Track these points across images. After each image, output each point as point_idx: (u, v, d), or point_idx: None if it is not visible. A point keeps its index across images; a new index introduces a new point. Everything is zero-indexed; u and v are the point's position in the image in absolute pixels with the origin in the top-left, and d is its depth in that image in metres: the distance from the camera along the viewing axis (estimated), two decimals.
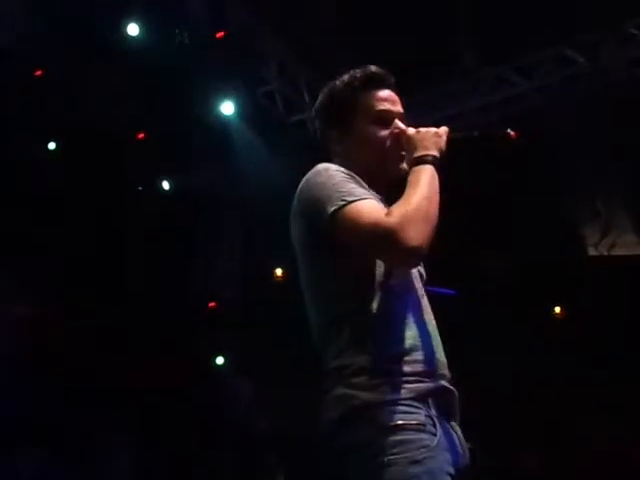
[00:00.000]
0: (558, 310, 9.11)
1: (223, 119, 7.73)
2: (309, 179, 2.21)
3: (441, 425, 2.06)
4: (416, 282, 2.26)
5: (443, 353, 2.20)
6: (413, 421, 2.01)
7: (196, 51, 7.11)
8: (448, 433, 2.09)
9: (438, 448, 2.01)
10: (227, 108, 7.66)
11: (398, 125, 2.33)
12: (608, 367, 7.98)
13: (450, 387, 2.16)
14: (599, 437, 8.03)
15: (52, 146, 7.36)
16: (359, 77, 2.38)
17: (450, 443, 2.08)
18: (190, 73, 7.23)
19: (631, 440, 7.82)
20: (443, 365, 2.18)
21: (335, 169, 2.20)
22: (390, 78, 2.41)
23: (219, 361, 8.43)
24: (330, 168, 2.21)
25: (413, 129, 2.30)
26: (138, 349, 7.36)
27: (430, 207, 2.08)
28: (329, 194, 2.11)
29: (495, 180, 7.44)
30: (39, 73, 6.88)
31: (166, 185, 8.25)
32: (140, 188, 8.25)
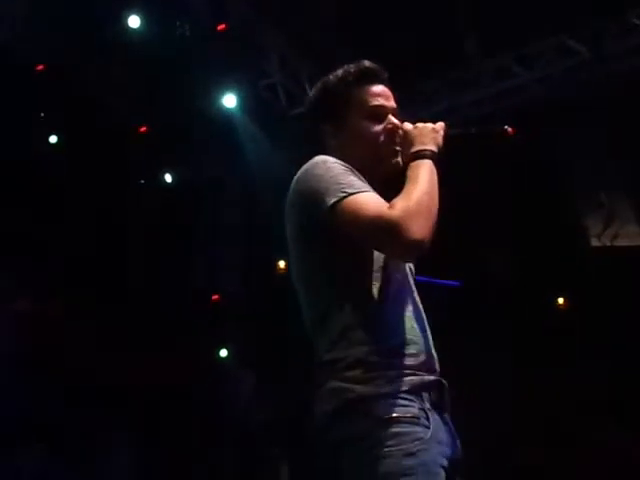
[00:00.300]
0: (561, 301, 9.12)
1: (225, 112, 7.72)
2: (307, 170, 2.20)
3: (434, 418, 2.06)
4: (409, 276, 2.26)
5: (433, 348, 2.20)
6: (408, 414, 2.01)
7: (197, 44, 7.10)
8: (441, 426, 2.09)
9: (432, 441, 2.01)
10: (229, 101, 7.64)
11: (392, 120, 2.33)
12: (611, 358, 7.98)
13: (442, 380, 2.17)
14: (600, 432, 8.03)
15: (54, 139, 7.36)
16: (353, 72, 2.36)
17: (443, 436, 2.08)
18: (191, 66, 7.22)
19: (632, 435, 7.81)
20: (435, 359, 2.19)
21: (333, 161, 2.19)
22: (383, 73, 2.39)
23: (223, 354, 8.43)
24: (328, 160, 2.20)
25: (410, 124, 2.29)
26: (139, 346, 7.35)
27: (431, 202, 2.09)
28: (327, 186, 2.11)
29: (496, 171, 7.42)
30: (40, 68, 6.87)
31: (168, 178, 8.24)
32: (142, 181, 8.26)
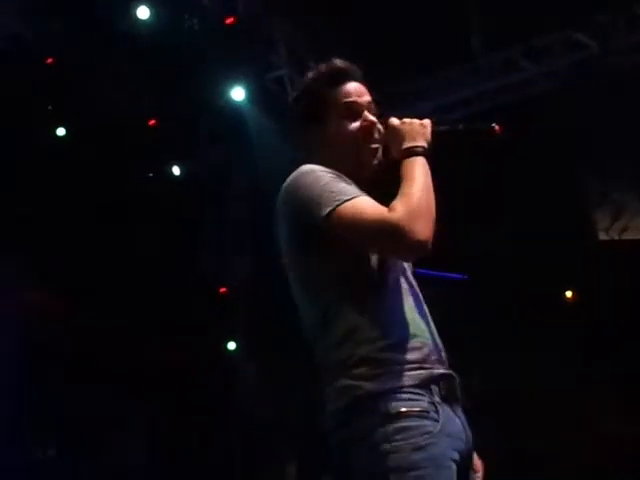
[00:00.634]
0: (569, 295, 9.12)
1: (233, 105, 7.71)
2: (296, 179, 2.17)
3: (444, 411, 2.06)
4: (407, 270, 2.27)
5: (439, 338, 2.21)
6: (416, 408, 2.01)
7: (205, 36, 7.10)
8: (452, 419, 2.09)
9: (441, 434, 2.01)
10: (238, 94, 7.64)
11: (368, 117, 2.31)
12: (619, 351, 7.97)
13: (451, 372, 2.17)
14: (609, 424, 8.04)
15: (61, 132, 7.36)
16: (324, 72, 2.36)
17: (454, 429, 2.08)
18: (199, 58, 7.21)
19: None
20: (441, 350, 2.19)
21: (321, 170, 2.17)
22: (356, 70, 2.38)
23: (231, 346, 8.45)
24: (315, 169, 2.18)
25: (397, 119, 2.27)
26: (145, 338, 7.40)
27: (430, 201, 2.09)
28: (320, 194, 2.09)
29: (502, 165, 7.40)
30: (50, 61, 6.87)
31: (176, 170, 8.25)
32: (151, 174, 8.27)
